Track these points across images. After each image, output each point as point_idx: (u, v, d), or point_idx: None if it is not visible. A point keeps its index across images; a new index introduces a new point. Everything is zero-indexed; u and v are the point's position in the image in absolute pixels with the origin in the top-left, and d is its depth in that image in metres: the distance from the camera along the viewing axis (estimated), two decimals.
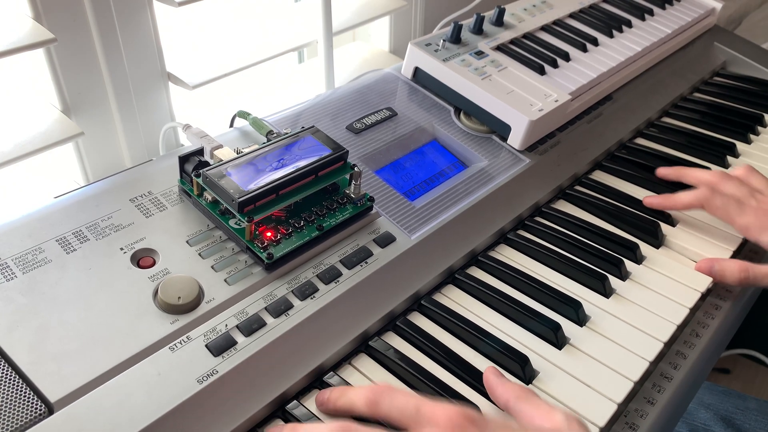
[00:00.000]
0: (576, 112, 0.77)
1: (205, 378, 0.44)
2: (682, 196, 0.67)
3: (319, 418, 0.46)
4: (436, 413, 0.40)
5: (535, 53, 0.79)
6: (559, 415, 0.43)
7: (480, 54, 0.76)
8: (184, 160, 0.55)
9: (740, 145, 0.83)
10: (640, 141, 0.83)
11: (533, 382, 0.51)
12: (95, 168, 0.70)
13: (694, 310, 0.59)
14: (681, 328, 0.57)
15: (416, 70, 0.75)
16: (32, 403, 0.40)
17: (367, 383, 0.50)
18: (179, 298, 0.47)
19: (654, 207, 0.69)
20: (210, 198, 0.53)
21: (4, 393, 0.40)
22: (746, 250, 0.67)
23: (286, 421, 0.47)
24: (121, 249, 0.50)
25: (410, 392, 0.44)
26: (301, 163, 0.54)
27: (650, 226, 0.66)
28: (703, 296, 0.61)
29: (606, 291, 0.59)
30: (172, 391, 0.43)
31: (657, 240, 0.66)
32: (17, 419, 0.39)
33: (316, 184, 0.55)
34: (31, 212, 0.51)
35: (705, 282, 0.61)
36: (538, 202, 0.68)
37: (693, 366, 0.56)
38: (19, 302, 0.45)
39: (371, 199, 0.58)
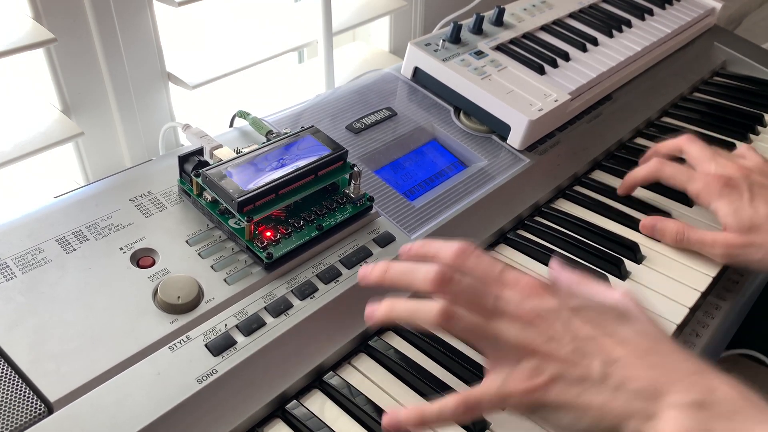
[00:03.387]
0: (576, 112, 0.77)
1: (204, 378, 0.44)
2: (637, 172, 0.68)
3: (319, 419, 0.46)
4: (519, 281, 0.45)
5: (534, 53, 0.79)
6: (617, 292, 0.47)
7: (480, 54, 0.76)
8: (183, 159, 0.55)
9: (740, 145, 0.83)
10: (640, 141, 0.82)
11: None
12: (95, 168, 0.70)
13: (694, 310, 0.59)
14: (681, 327, 0.57)
15: (416, 70, 0.75)
16: (32, 402, 0.40)
17: (367, 383, 0.50)
18: (179, 297, 0.47)
19: (621, 194, 0.70)
20: (210, 198, 0.53)
21: (3, 392, 0.40)
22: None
23: (287, 421, 0.47)
24: (121, 249, 0.50)
25: (491, 257, 0.47)
26: (301, 163, 0.54)
27: None
28: (703, 296, 0.61)
29: None
30: (172, 391, 0.43)
31: (657, 240, 0.66)
32: (17, 419, 0.39)
33: (316, 184, 0.55)
34: (31, 212, 0.51)
35: (705, 282, 0.61)
36: (537, 201, 0.68)
37: None
38: (19, 302, 0.45)
39: (371, 199, 0.58)
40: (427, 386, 0.49)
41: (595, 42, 0.85)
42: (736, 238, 0.60)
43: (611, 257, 0.62)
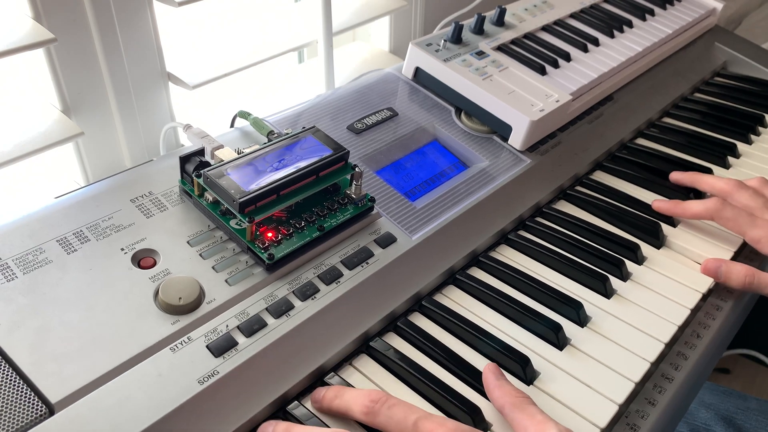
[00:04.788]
0: (577, 113, 0.77)
1: (206, 379, 0.44)
2: (693, 205, 0.66)
3: (319, 419, 0.46)
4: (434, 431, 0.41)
5: (536, 53, 0.79)
6: (552, 428, 0.43)
7: (481, 54, 0.76)
8: (184, 160, 0.55)
9: (741, 146, 0.83)
10: (641, 141, 0.83)
11: (534, 383, 0.51)
12: (95, 168, 0.70)
13: (695, 311, 0.59)
14: (682, 328, 0.57)
15: (417, 70, 0.75)
16: (33, 403, 0.40)
17: (368, 384, 0.50)
18: (180, 298, 0.47)
19: (662, 212, 0.68)
20: (211, 198, 0.53)
21: (4, 394, 0.40)
22: (747, 251, 0.67)
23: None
24: (122, 249, 0.50)
25: (408, 404, 0.44)
26: (302, 164, 0.54)
27: (651, 227, 0.66)
28: (704, 297, 0.61)
29: (607, 291, 0.59)
30: (173, 392, 0.43)
31: (658, 240, 0.66)
32: (18, 420, 0.39)
33: (317, 185, 0.55)
34: (31, 212, 0.51)
35: (706, 283, 0.61)
36: (539, 202, 0.68)
37: (694, 366, 0.55)
38: (20, 303, 0.45)
39: (372, 200, 0.58)
40: (427, 386, 0.49)
41: (596, 42, 0.85)
42: None
43: (612, 258, 0.62)
